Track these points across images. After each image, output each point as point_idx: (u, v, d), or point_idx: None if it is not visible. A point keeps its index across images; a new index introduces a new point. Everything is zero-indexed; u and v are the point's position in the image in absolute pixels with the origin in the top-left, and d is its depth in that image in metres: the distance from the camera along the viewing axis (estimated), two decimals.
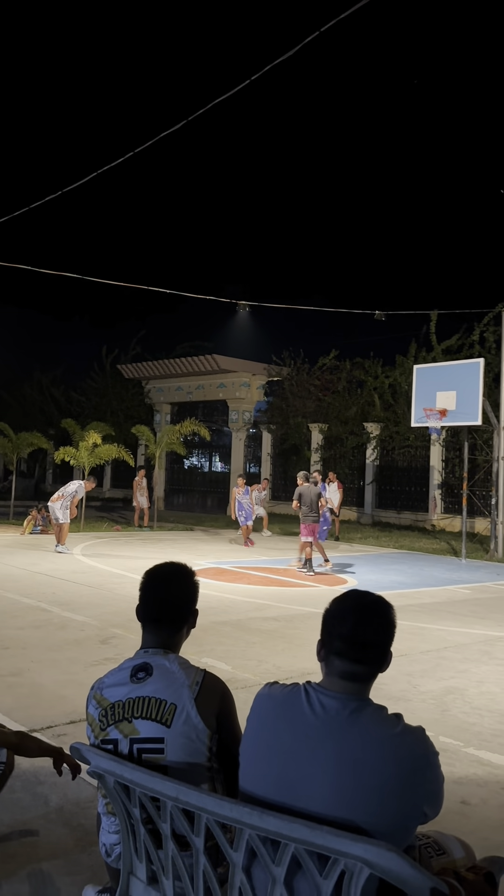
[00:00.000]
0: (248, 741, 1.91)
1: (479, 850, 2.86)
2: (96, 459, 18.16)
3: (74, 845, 3.05)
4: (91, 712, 2.21)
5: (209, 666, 5.76)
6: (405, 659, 6.28)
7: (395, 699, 5.14)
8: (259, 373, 26.80)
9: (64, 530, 13.45)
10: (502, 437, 15.89)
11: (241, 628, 7.33)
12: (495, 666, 6.28)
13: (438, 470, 21.08)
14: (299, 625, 7.53)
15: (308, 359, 25.90)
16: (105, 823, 2.23)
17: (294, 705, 1.84)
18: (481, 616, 8.61)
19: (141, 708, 2.12)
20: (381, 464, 22.66)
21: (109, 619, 7.37)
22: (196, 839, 1.81)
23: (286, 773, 1.77)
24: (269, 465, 25.82)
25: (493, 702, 5.23)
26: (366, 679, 1.86)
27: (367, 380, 24.14)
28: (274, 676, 5.59)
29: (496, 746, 4.34)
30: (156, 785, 1.85)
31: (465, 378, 14.66)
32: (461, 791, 3.67)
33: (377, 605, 1.92)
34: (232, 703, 2.23)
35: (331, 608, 1.94)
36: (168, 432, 20.06)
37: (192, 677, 2.16)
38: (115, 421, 27.35)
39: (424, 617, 8.36)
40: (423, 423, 15.42)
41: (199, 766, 2.07)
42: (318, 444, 24.04)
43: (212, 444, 29.27)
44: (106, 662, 5.69)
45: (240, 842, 1.72)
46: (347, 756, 1.72)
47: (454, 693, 5.41)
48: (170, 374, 28.18)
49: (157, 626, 2.28)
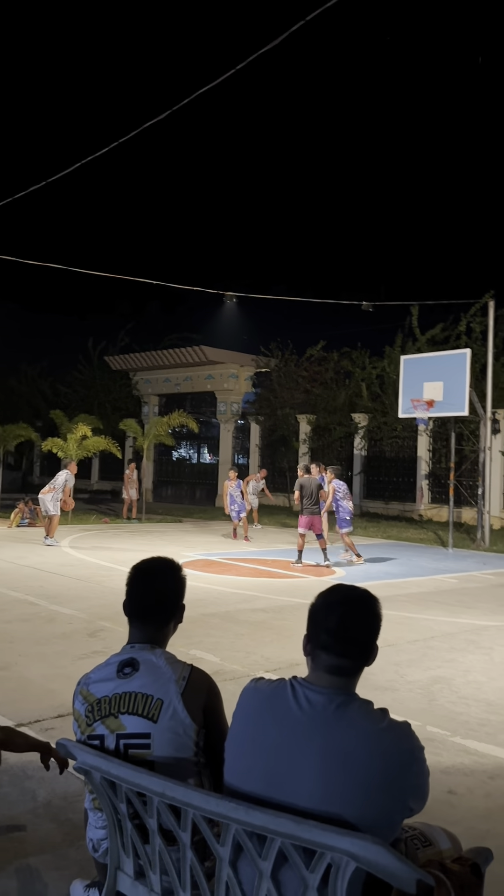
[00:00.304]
0: (234, 736, 1.91)
1: (466, 838, 2.88)
2: (84, 451, 18.11)
3: (62, 840, 3.05)
4: (77, 708, 2.21)
5: (197, 658, 5.76)
6: (392, 649, 6.31)
7: (382, 689, 5.17)
8: (247, 364, 26.76)
9: (54, 523, 13.43)
10: (489, 427, 15.97)
11: (230, 620, 7.34)
12: (482, 655, 6.32)
13: (426, 460, 21.16)
14: (288, 616, 7.54)
15: (296, 350, 25.92)
16: (92, 819, 2.22)
17: (280, 700, 1.84)
18: (468, 605, 8.66)
19: (127, 703, 2.11)
20: (368, 454, 22.72)
21: (98, 613, 7.35)
22: (183, 834, 1.81)
23: (272, 768, 1.77)
24: (257, 456, 25.82)
25: (480, 691, 5.27)
26: (352, 673, 1.86)
27: (354, 370, 24.17)
28: (262, 668, 5.61)
29: (483, 735, 4.37)
30: (142, 781, 1.85)
31: (452, 369, 14.70)
32: (448, 781, 3.69)
33: (362, 599, 1.92)
34: (219, 698, 2.23)
35: (316, 603, 1.93)
36: (156, 424, 20.01)
37: (179, 672, 2.16)
38: (102, 413, 27.26)
39: (412, 606, 8.40)
40: (411, 413, 15.46)
41: (185, 760, 2.07)
42: (307, 434, 24.06)
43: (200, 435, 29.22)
44: (94, 656, 5.68)
45: (226, 836, 1.72)
46: (333, 751, 1.72)
47: (441, 682, 5.44)
48: (157, 366, 28.07)
49: (144, 621, 2.27)
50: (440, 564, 12.50)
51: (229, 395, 26.81)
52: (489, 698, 5.11)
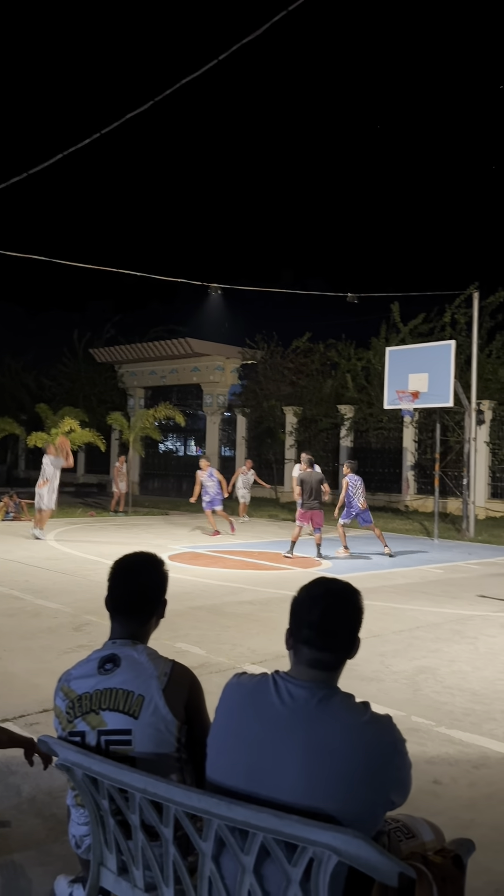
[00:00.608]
0: (216, 732, 1.90)
1: (450, 828, 2.90)
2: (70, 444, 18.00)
3: (46, 835, 3.04)
4: (58, 704, 2.19)
5: (184, 650, 5.76)
6: (378, 639, 6.34)
7: (367, 680, 5.19)
8: (233, 356, 26.71)
9: (44, 516, 13.42)
10: (473, 418, 16.04)
11: (216, 612, 7.34)
12: (466, 645, 6.36)
13: (411, 451, 21.25)
14: (274, 608, 7.55)
15: (281, 342, 25.89)
16: (74, 815, 2.21)
17: (262, 695, 1.83)
18: (453, 595, 8.72)
19: (108, 699, 2.09)
20: (354, 446, 22.77)
21: (83, 607, 7.33)
22: (165, 830, 1.81)
23: (254, 763, 1.76)
24: (244, 448, 25.81)
25: (465, 681, 5.30)
26: (334, 667, 1.86)
27: (340, 362, 24.20)
28: (248, 660, 5.61)
29: (467, 725, 4.40)
30: (124, 777, 1.83)
31: (437, 360, 14.74)
32: (433, 770, 3.71)
33: (344, 592, 1.91)
34: (201, 693, 2.22)
35: (298, 596, 1.92)
36: (142, 417, 19.93)
37: (161, 668, 2.14)
38: (87, 406, 27.11)
39: (397, 597, 8.44)
40: (396, 405, 15.50)
41: (167, 756, 2.06)
42: (293, 426, 24.07)
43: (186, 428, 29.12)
44: (80, 650, 5.66)
45: (208, 832, 1.72)
46: (316, 745, 1.72)
47: (426, 672, 5.47)
48: (143, 358, 27.96)
49: (126, 616, 2.26)
50: (426, 555, 12.56)
51: (215, 388, 26.76)
52: (474, 688, 5.14)
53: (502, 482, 19.41)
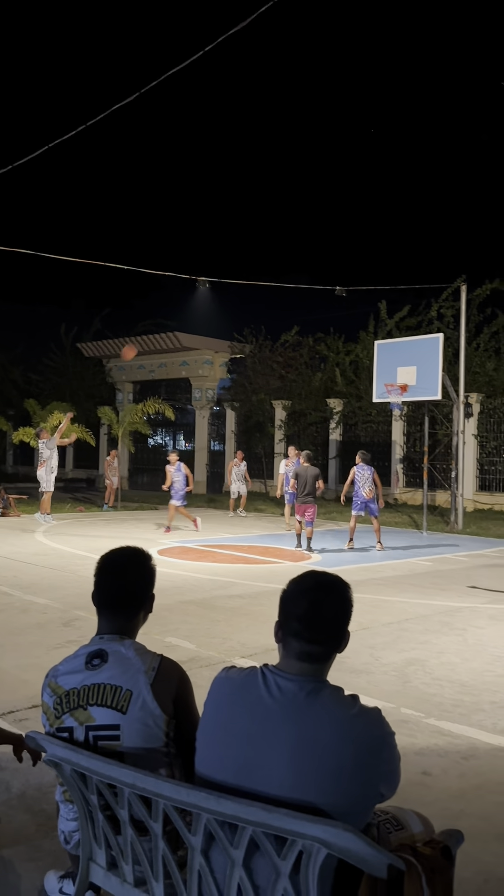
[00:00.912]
0: (205, 726, 1.89)
1: (440, 819, 2.91)
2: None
3: (36, 831, 3.03)
4: (46, 700, 2.18)
5: (174, 645, 5.76)
6: (367, 632, 6.36)
7: (357, 672, 5.20)
8: (222, 350, 26.65)
9: (45, 500, 13.65)
10: (461, 411, 16.09)
11: (206, 606, 7.34)
12: (455, 636, 6.39)
13: (400, 444, 21.31)
14: (264, 601, 7.56)
15: (270, 335, 25.86)
16: (63, 811, 2.21)
17: (251, 689, 1.82)
18: (442, 587, 8.75)
19: (96, 695, 2.09)
20: (343, 439, 22.81)
21: (72, 602, 7.31)
22: (154, 824, 1.80)
23: (244, 757, 1.76)
24: (233, 442, 25.80)
25: (453, 672, 5.33)
26: (322, 660, 1.85)
27: (328, 355, 24.21)
28: (238, 654, 5.61)
29: (456, 716, 4.42)
30: (112, 772, 1.83)
31: (425, 353, 14.77)
32: (422, 762, 3.73)
33: (333, 585, 1.90)
34: (189, 688, 2.21)
35: (287, 589, 1.92)
36: (131, 412, 19.88)
37: (149, 663, 2.14)
38: (76, 401, 27.01)
39: (386, 589, 8.47)
40: (385, 398, 15.52)
41: (156, 751, 2.06)
42: (282, 420, 24.08)
43: (175, 422, 29.09)
44: (69, 645, 5.65)
45: (198, 826, 1.72)
46: (304, 738, 1.71)
47: (415, 664, 5.50)
48: None
49: (113, 612, 2.25)
50: (415, 547, 12.61)
51: (204, 382, 26.70)
52: (462, 679, 5.17)
53: (490, 474, 19.51)
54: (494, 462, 19.29)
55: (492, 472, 19.44)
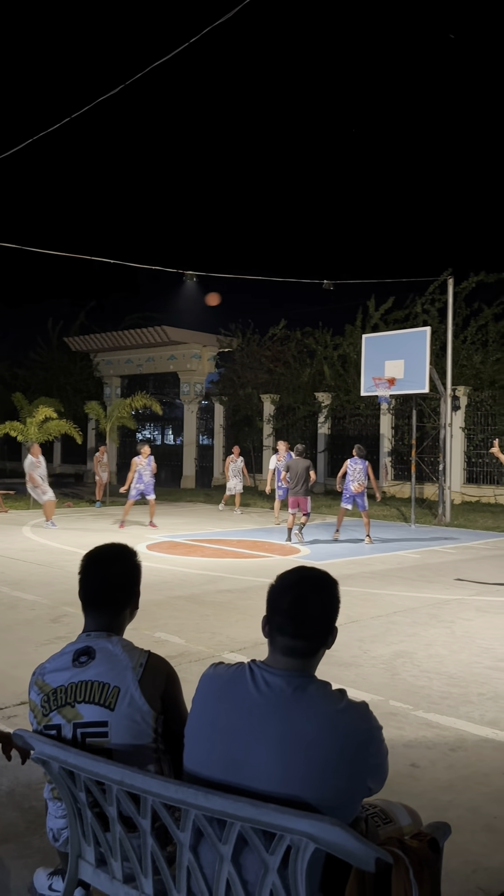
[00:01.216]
0: (193, 722, 1.89)
1: (429, 810, 2.94)
2: (45, 435, 17.86)
3: (26, 828, 3.02)
4: (33, 698, 2.17)
5: (163, 640, 5.76)
6: (356, 625, 6.39)
7: (346, 665, 5.23)
8: (210, 344, 26.58)
9: (47, 507, 13.63)
10: (449, 404, 16.15)
11: (195, 601, 7.34)
12: (443, 629, 6.43)
13: (388, 438, 21.37)
14: (253, 595, 7.57)
15: (258, 329, 25.83)
16: (51, 808, 2.20)
17: (239, 684, 1.82)
18: (430, 580, 8.80)
19: (84, 692, 2.08)
20: (332, 433, 22.85)
21: (60, 598, 7.29)
22: (143, 821, 1.80)
23: (231, 753, 1.76)
24: (221, 436, 25.78)
25: (442, 664, 5.36)
26: (308, 655, 1.85)
27: (317, 349, 24.22)
28: (228, 648, 5.62)
29: (444, 709, 4.45)
30: (100, 769, 1.82)
31: (413, 347, 14.80)
32: (411, 754, 3.75)
33: (319, 581, 1.91)
34: (177, 683, 2.21)
35: (274, 584, 1.92)
36: (119, 406, 19.80)
37: (136, 659, 2.13)
38: (63, 395, 26.86)
39: (375, 583, 8.50)
40: (373, 392, 15.56)
41: (144, 747, 2.06)
42: (271, 414, 24.08)
43: (164, 416, 28.97)
44: (57, 641, 5.64)
45: (186, 822, 1.72)
46: (292, 733, 1.72)
47: (404, 657, 5.53)
48: (118, 347, 27.71)
49: (99, 609, 2.24)
50: (403, 540, 12.66)
51: (192, 376, 26.64)
52: (451, 671, 5.20)
53: (478, 467, 19.61)
54: (482, 455, 19.38)
55: (479, 464, 19.54)
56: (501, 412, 19.20)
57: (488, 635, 6.23)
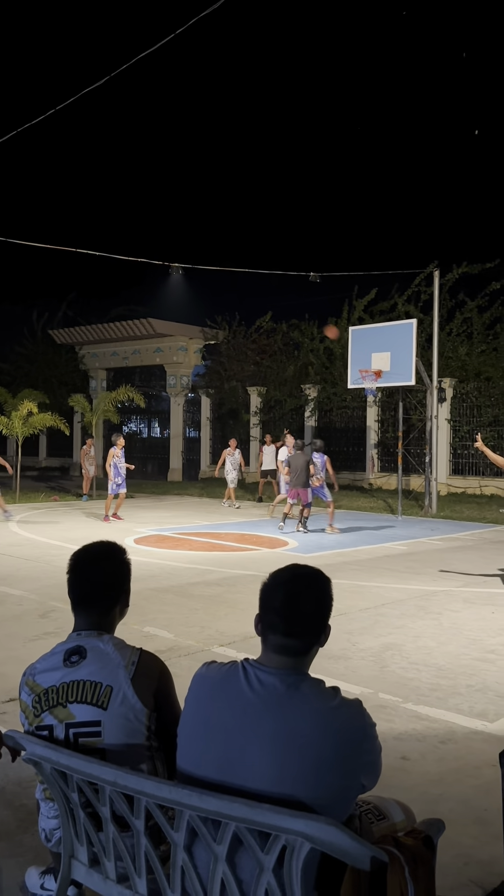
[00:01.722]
0: (186, 721, 1.88)
1: (420, 803, 2.95)
2: (30, 429, 17.74)
3: (17, 827, 3.01)
4: (24, 699, 2.15)
5: (152, 634, 5.74)
6: (344, 617, 6.40)
7: (335, 658, 5.24)
8: (196, 336, 26.48)
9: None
10: (435, 396, 16.21)
11: (184, 595, 7.33)
12: (431, 620, 6.46)
13: (374, 430, 21.42)
14: (242, 589, 7.57)
15: (244, 321, 25.76)
16: (44, 809, 2.19)
17: (232, 683, 1.82)
18: (417, 571, 8.84)
19: (75, 692, 2.07)
20: (318, 425, 22.87)
21: (49, 593, 7.25)
22: (136, 821, 1.79)
23: (226, 752, 1.75)
24: (208, 429, 25.73)
25: (430, 656, 5.39)
26: (301, 653, 1.85)
27: (303, 342, 24.20)
28: (217, 642, 5.62)
29: (434, 701, 4.48)
30: (93, 770, 1.81)
31: (399, 339, 14.83)
32: (401, 747, 3.77)
33: (312, 579, 1.90)
34: (170, 681, 2.20)
35: (266, 582, 1.91)
36: (104, 399, 19.70)
37: (128, 657, 2.12)
38: (48, 388, 26.68)
39: (363, 575, 8.53)
40: (360, 384, 15.58)
41: (138, 746, 2.05)
42: (258, 407, 24.05)
43: (150, 409, 28.88)
44: (46, 637, 5.61)
45: (180, 822, 1.71)
46: (286, 732, 1.71)
47: (392, 649, 5.55)
48: (104, 339, 27.56)
49: (88, 608, 2.22)
50: (390, 532, 12.72)
51: (179, 369, 26.55)
52: (439, 663, 5.23)
53: (463, 459, 19.72)
54: (467, 446, 19.48)
55: (465, 456, 19.65)
56: (487, 404, 19.30)
57: (476, 626, 6.27)
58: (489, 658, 5.36)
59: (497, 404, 19.11)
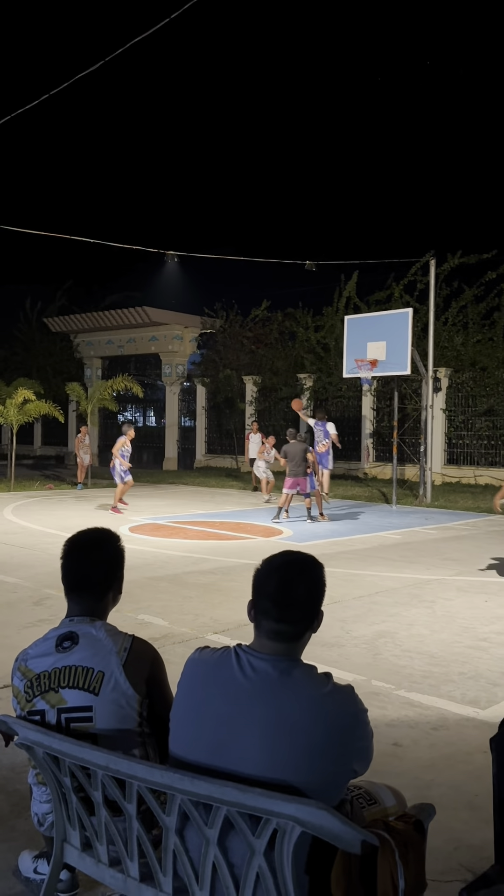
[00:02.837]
0: (178, 706, 1.89)
1: (411, 788, 2.97)
2: (25, 417, 17.69)
3: (10, 811, 3.02)
4: (16, 684, 2.15)
5: (146, 622, 5.75)
6: (338, 605, 6.42)
7: (328, 645, 5.26)
8: (192, 325, 26.38)
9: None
10: (430, 386, 16.21)
11: (178, 583, 7.34)
12: (424, 609, 6.49)
13: (370, 419, 21.43)
14: (236, 577, 7.58)
15: (240, 310, 25.66)
16: (36, 793, 2.20)
17: (225, 669, 1.82)
18: (411, 560, 8.87)
19: (67, 677, 2.07)
20: (314, 415, 22.83)
21: (43, 580, 7.25)
22: (128, 806, 1.80)
23: (217, 737, 1.76)
24: (203, 418, 25.70)
25: (423, 644, 5.41)
26: (294, 639, 1.85)
27: (298, 331, 24.14)
28: (211, 630, 5.63)
29: (426, 688, 4.50)
30: (85, 755, 1.82)
31: (395, 328, 14.80)
32: (393, 733, 3.79)
33: (304, 564, 1.90)
34: (162, 667, 2.21)
35: (259, 569, 1.91)
36: (100, 388, 19.64)
37: (120, 644, 2.12)
38: (43, 376, 26.58)
39: (357, 563, 8.55)
40: (355, 373, 15.55)
41: (129, 731, 2.05)
42: (253, 396, 24.02)
43: (146, 398, 28.78)
44: (40, 624, 5.61)
45: (172, 806, 1.72)
46: (278, 717, 1.72)
47: (385, 637, 5.57)
48: (99, 328, 27.44)
49: (82, 594, 2.22)
50: (384, 521, 12.75)
51: (174, 357, 26.47)
52: (432, 651, 5.25)
53: (458, 448, 19.75)
54: (462, 436, 19.51)
55: (459, 445, 19.68)
56: (482, 393, 19.31)
57: (468, 615, 6.29)
58: (482, 646, 5.39)
59: (492, 394, 19.12)
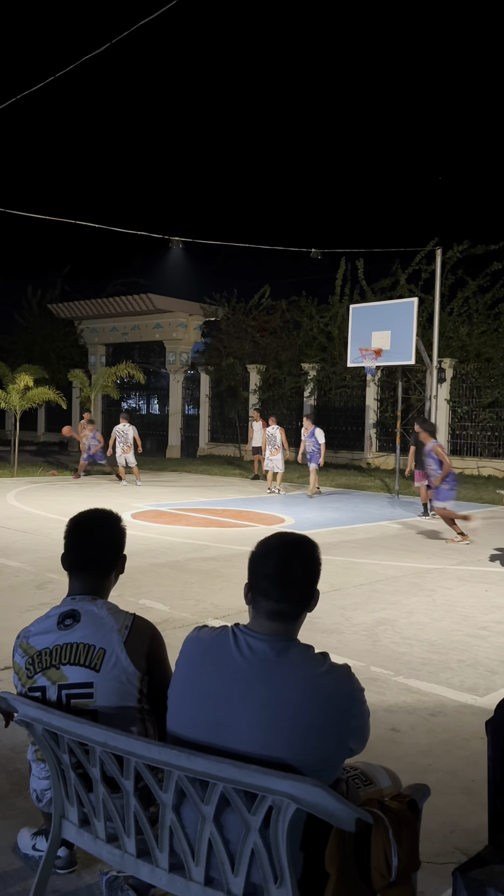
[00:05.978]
0: (176, 684, 1.90)
1: (408, 773, 2.99)
2: (28, 403, 17.69)
3: (10, 790, 3.05)
4: (17, 661, 2.17)
5: (147, 607, 5.78)
6: (338, 593, 6.44)
7: (328, 632, 5.28)
8: (196, 313, 26.30)
9: None
10: (434, 376, 16.16)
11: (180, 569, 7.36)
12: (424, 597, 6.50)
13: (373, 409, 21.40)
14: (237, 563, 7.60)
15: (244, 298, 25.59)
16: (35, 770, 2.22)
17: (222, 648, 1.83)
18: (412, 549, 8.88)
19: (69, 654, 2.09)
20: (318, 404, 22.83)
21: (45, 565, 7.29)
22: (126, 782, 1.82)
23: (215, 716, 1.77)
24: (207, 406, 25.68)
25: (422, 631, 5.43)
26: (292, 618, 1.86)
27: (302, 320, 24.07)
28: (211, 615, 5.66)
29: (424, 675, 4.52)
30: (84, 731, 1.83)
31: (400, 318, 14.74)
32: (391, 719, 3.81)
33: (300, 544, 1.91)
34: (162, 645, 2.22)
35: (255, 550, 1.92)
36: (104, 375, 19.62)
37: (122, 621, 2.14)
38: (46, 363, 26.56)
39: (358, 552, 8.57)
40: (360, 363, 15.51)
41: (129, 708, 2.07)
42: (257, 385, 23.98)
43: (149, 386, 28.75)
44: (41, 607, 5.64)
45: (169, 783, 1.73)
46: (275, 696, 1.73)
47: (385, 624, 5.59)
48: (103, 314, 27.37)
49: (84, 573, 2.24)
50: (386, 511, 12.75)
51: (178, 345, 26.43)
52: (431, 638, 5.27)
53: (462, 439, 19.72)
54: (466, 427, 19.47)
55: (463, 436, 19.64)
56: (486, 385, 19.25)
57: (468, 603, 6.31)
58: (481, 634, 5.40)
59: (497, 385, 19.06)
